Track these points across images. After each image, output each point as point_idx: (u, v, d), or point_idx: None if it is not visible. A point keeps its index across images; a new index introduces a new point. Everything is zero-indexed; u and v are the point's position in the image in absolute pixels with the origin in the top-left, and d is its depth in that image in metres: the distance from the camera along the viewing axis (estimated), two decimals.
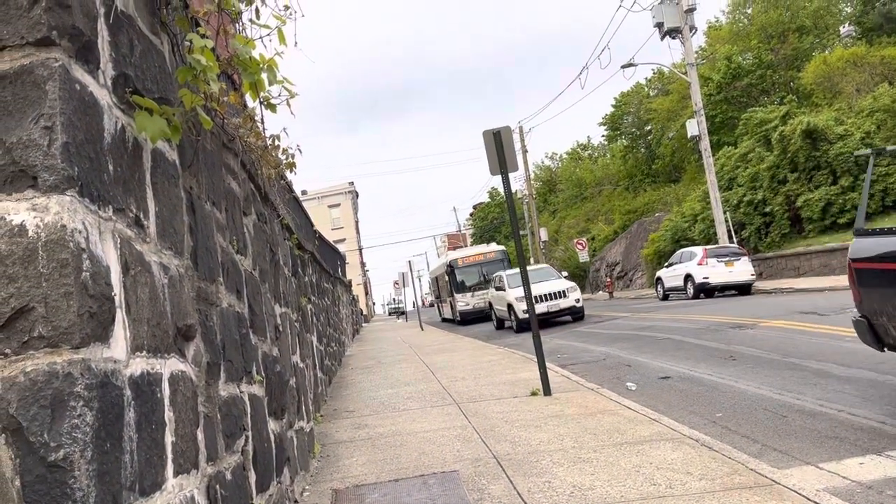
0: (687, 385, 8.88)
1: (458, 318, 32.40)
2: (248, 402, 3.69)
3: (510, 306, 21.89)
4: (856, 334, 6.54)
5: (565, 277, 23.92)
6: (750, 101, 38.60)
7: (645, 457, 5.51)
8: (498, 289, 23.81)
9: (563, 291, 21.54)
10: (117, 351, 2.05)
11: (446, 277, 34.93)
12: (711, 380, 8.96)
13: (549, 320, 21.16)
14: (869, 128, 25.92)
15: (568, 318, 22.12)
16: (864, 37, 37.16)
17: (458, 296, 32.74)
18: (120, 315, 2.10)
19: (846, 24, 41.67)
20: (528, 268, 23.68)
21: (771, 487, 4.53)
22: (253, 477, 3.62)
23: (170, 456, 2.39)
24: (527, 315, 17.33)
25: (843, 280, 19.96)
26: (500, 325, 24.31)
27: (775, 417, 6.75)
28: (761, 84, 39.86)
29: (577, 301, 21.59)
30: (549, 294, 21.27)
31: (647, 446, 5.81)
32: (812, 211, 26.18)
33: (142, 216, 2.40)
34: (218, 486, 2.89)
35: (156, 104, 2.40)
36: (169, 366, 2.50)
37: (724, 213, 27.71)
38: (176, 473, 2.44)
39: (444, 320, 38.85)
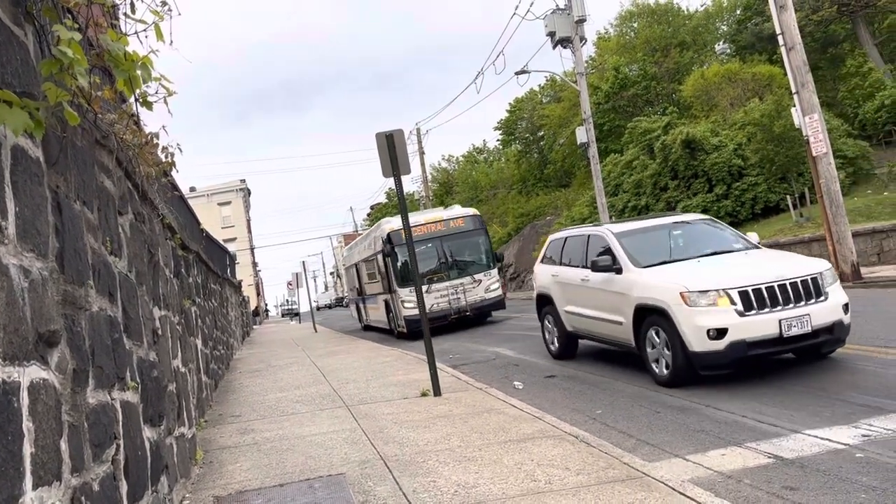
0: (571, 383, 9.22)
1: (402, 328, 19.86)
2: (119, 410, 3.55)
3: (655, 315, 8.37)
4: None
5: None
6: (635, 110, 40.44)
7: (527, 454, 5.69)
8: (599, 268, 9.37)
9: (815, 281, 8.11)
10: None
11: (380, 262, 21.39)
12: (594, 378, 9.33)
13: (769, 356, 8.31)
14: (741, 140, 27.72)
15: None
16: (737, 54, 39.70)
17: (402, 291, 19.27)
18: None
19: (721, 42, 44.41)
20: (668, 219, 10.32)
21: (641, 479, 4.79)
22: (124, 487, 3.48)
23: (28, 468, 2.28)
24: (721, 343, 7.53)
25: None
26: (568, 347, 11.14)
27: (650, 413, 7.13)
28: (646, 95, 41.83)
29: (846, 308, 8.18)
30: (781, 286, 7.89)
31: (530, 443, 6.00)
32: None
33: None
34: (84, 498, 2.77)
35: (16, 97, 2.28)
36: (29, 374, 2.38)
37: (610, 217, 28.90)
38: (35, 486, 2.32)
39: (369, 328, 25.96)
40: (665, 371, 8.24)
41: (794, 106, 16.21)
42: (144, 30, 3.00)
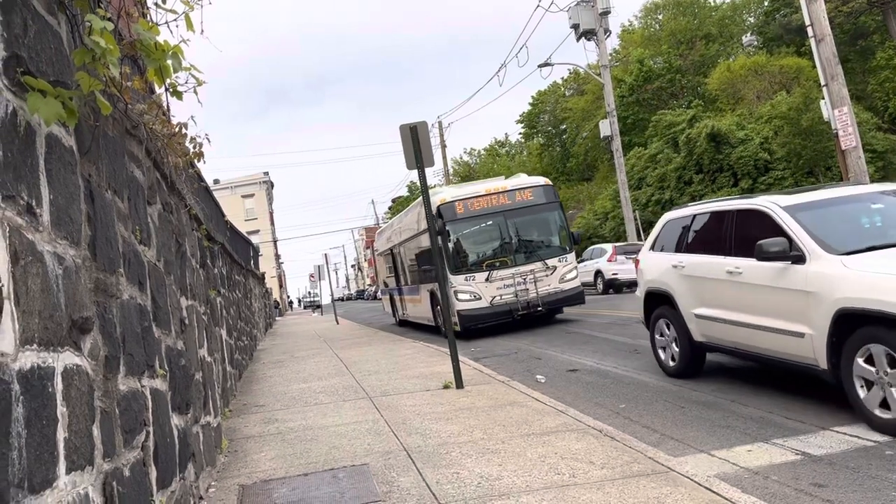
0: (593, 377, 9.18)
1: (456, 326, 15.09)
2: (149, 397, 3.59)
3: (876, 326, 5.42)
4: None
5: None
6: (660, 103, 40.08)
7: (551, 447, 5.67)
8: (767, 255, 6.43)
9: None
10: (5, 344, 1.96)
11: (425, 243, 16.88)
12: (617, 372, 9.28)
13: None
14: (767, 133, 27.37)
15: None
16: (765, 46, 39.18)
17: (455, 279, 15.43)
18: (8, 306, 2.01)
19: (748, 34, 43.83)
20: (855, 189, 7.48)
21: (666, 474, 4.75)
22: (154, 473, 3.52)
23: (62, 452, 2.31)
24: None
25: None
26: (693, 363, 8.25)
27: (674, 408, 7.07)
28: (671, 88, 41.45)
29: None
30: None
31: (554, 437, 5.98)
32: None
33: (34, 204, 2.30)
34: (115, 483, 2.81)
35: (49, 86, 2.30)
36: (63, 359, 2.41)
37: (634, 211, 28.69)
38: (69, 470, 2.36)
39: (405, 324, 22.33)
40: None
41: (823, 99, 15.96)
42: (175, 19, 3.02)
